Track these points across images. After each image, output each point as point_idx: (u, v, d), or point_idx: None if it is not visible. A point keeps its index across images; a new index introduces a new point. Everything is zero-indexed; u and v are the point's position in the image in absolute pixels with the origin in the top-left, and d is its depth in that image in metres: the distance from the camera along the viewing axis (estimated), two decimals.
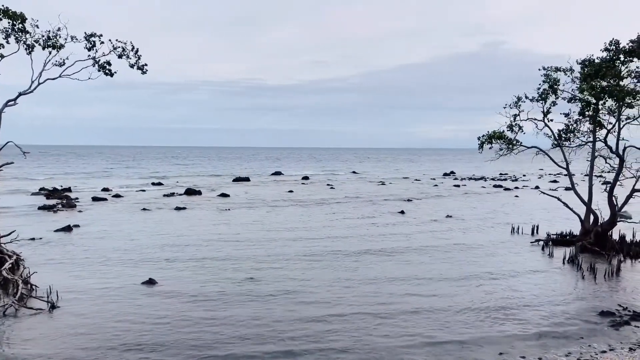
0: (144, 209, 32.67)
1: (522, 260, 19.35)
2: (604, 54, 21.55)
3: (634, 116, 21.50)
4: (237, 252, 19.82)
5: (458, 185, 56.81)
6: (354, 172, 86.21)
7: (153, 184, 53.75)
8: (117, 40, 21.41)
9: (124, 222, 27.53)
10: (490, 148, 22.64)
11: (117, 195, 40.86)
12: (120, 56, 21.84)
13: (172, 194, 42.77)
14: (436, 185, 57.93)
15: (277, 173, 77.07)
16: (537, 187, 46.53)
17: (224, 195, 42.33)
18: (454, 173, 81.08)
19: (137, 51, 22.09)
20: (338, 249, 20.79)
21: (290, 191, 47.26)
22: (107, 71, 21.47)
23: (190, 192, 43.92)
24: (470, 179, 69.91)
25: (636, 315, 12.89)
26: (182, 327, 11.75)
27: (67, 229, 24.46)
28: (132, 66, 22.08)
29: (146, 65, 22.83)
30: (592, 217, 22.09)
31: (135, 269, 17.09)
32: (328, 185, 56.25)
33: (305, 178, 66.23)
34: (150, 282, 15.42)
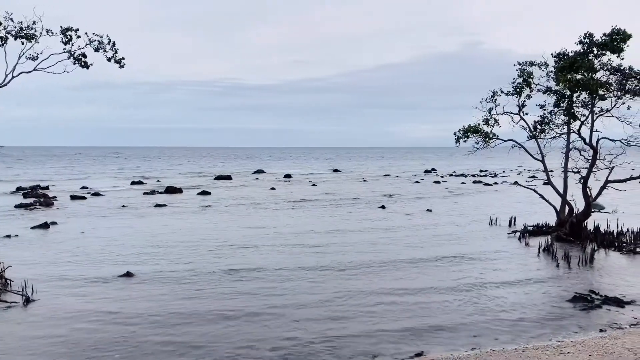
0: (123, 207, 32.37)
1: (498, 249, 19.68)
2: (578, 47, 21.99)
3: (607, 108, 21.99)
4: (216, 248, 19.69)
5: (438, 182, 57.35)
6: (335, 170, 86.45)
7: (133, 182, 53.17)
8: (93, 33, 21.22)
9: (103, 219, 27.24)
10: (465, 142, 22.95)
11: (96, 194, 40.38)
12: (97, 49, 21.65)
13: (153, 192, 42.40)
14: (417, 182, 58.40)
15: (259, 171, 76.89)
16: (515, 183, 47.20)
17: (205, 193, 42.11)
18: (435, 170, 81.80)
19: (113, 44, 21.96)
20: (319, 242, 20.89)
21: (272, 188, 47.24)
22: (82, 64, 21.29)
23: (170, 190, 43.58)
24: (450, 175, 70.69)
25: (607, 299, 13.21)
26: (158, 321, 11.58)
27: (44, 226, 24.13)
28: (109, 60, 21.91)
29: (123, 59, 22.67)
30: (567, 208, 22.52)
31: (113, 263, 16.91)
32: (310, 182, 56.34)
33: (288, 176, 66.19)
34: (128, 275, 15.32)
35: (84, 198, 37.30)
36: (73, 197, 37.17)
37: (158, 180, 57.36)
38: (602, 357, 9.08)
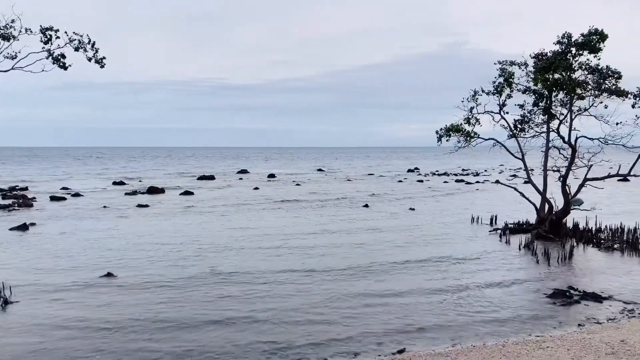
0: (104, 207, 32.00)
1: (479, 247, 19.88)
2: (557, 47, 22.33)
3: (585, 107, 22.38)
4: (199, 250, 19.32)
5: (421, 181, 57.75)
6: (320, 169, 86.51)
7: (115, 183, 52.55)
8: (74, 32, 20.95)
9: (83, 220, 26.90)
10: (447, 141, 23.17)
11: (76, 195, 39.85)
12: (77, 49, 21.37)
13: (135, 193, 41.99)
14: (400, 181, 58.73)
15: (243, 171, 76.59)
16: (497, 181, 47.75)
17: (187, 193, 41.82)
18: (418, 169, 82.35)
19: (94, 44, 21.68)
20: (303, 243, 20.86)
21: (256, 188, 47.11)
22: (61, 64, 21.01)
23: (153, 190, 43.20)
24: (433, 174, 71.25)
25: (585, 295, 13.44)
26: (139, 326, 11.23)
27: (23, 227, 23.75)
28: (90, 59, 21.64)
29: (104, 58, 22.41)
30: (547, 206, 22.86)
31: (94, 266, 16.52)
32: (294, 182, 56.29)
33: (272, 176, 66.04)
34: (109, 275, 15.16)
35: (64, 199, 36.77)
36: (53, 198, 36.62)
37: (140, 181, 56.79)
38: (580, 351, 9.24)
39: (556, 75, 21.72)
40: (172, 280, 14.85)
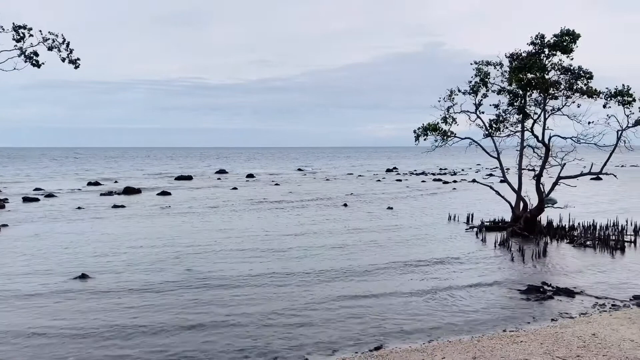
0: (78, 208, 31.45)
1: (456, 245, 20.12)
2: (530, 48, 22.73)
3: (558, 107, 22.84)
4: (176, 253, 18.80)
5: (400, 180, 58.18)
6: (299, 169, 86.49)
7: (90, 183, 51.68)
8: (48, 32, 20.55)
9: (57, 221, 26.40)
10: (425, 140, 23.40)
11: (50, 195, 39.08)
12: (50, 48, 20.97)
13: (110, 193, 41.39)
14: (379, 180, 59.06)
15: (222, 171, 76.09)
16: (474, 180, 48.37)
17: (165, 193, 41.37)
18: (397, 169, 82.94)
19: (68, 44, 21.27)
20: (281, 245, 20.79)
21: (234, 188, 46.87)
22: (34, 62, 20.58)
23: (129, 191, 42.64)
24: (411, 174, 71.87)
25: (559, 290, 13.71)
26: (115, 333, 10.77)
27: None
28: (63, 60, 21.23)
29: (79, 59, 22.03)
30: (522, 204, 23.25)
31: (67, 270, 16.01)
32: (273, 182, 56.16)
33: (250, 176, 65.75)
34: (83, 279, 14.87)
35: (37, 200, 36.03)
36: (25, 199, 35.86)
37: (116, 182, 55.95)
38: (552, 345, 9.42)
39: (530, 75, 22.12)
40: (148, 283, 14.45)
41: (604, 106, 22.20)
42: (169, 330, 10.92)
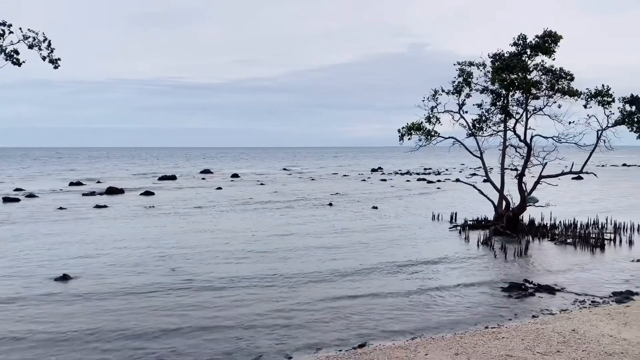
0: (60, 209, 31.05)
1: (440, 244, 20.27)
2: (513, 49, 22.99)
3: (540, 107, 23.14)
4: (159, 255, 18.37)
5: (385, 180, 58.42)
6: (284, 169, 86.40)
7: (72, 183, 51.00)
8: (28, 29, 20.27)
9: (38, 222, 26.03)
10: (409, 139, 23.52)
11: (31, 196, 38.52)
12: (31, 47, 20.66)
13: (92, 193, 40.91)
14: (364, 180, 59.23)
15: (206, 171, 75.64)
16: (457, 180, 48.86)
17: (148, 193, 41.02)
18: (382, 169, 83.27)
19: (49, 43, 20.99)
20: (263, 245, 20.68)
21: (219, 188, 46.66)
22: (14, 60, 20.28)
23: (112, 191, 42.21)
24: (396, 173, 72.23)
25: (540, 287, 13.90)
26: (97, 339, 10.41)
27: None
28: (44, 59, 20.95)
29: (59, 59, 21.73)
30: (504, 203, 23.50)
31: (48, 272, 15.61)
32: (258, 182, 56.02)
33: (235, 176, 65.49)
34: (64, 282, 14.67)
35: (17, 200, 35.50)
36: (6, 200, 35.29)
37: (98, 182, 55.31)
38: (533, 341, 9.55)
39: (512, 76, 22.37)
40: (131, 286, 14.15)
41: (585, 106, 22.56)
42: (153, 333, 10.72)
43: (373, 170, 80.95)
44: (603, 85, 22.19)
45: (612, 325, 10.37)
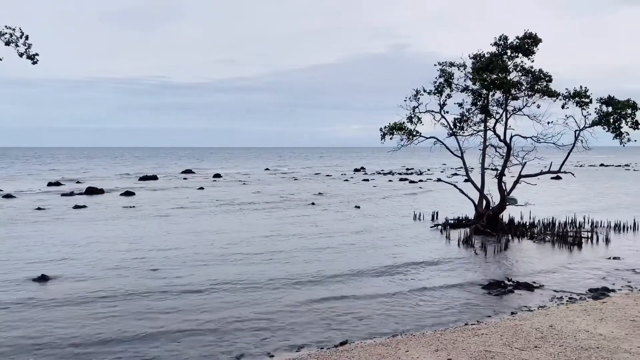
0: (38, 209, 30.53)
1: (421, 243, 20.46)
2: (493, 49, 23.27)
3: (519, 107, 23.45)
4: (139, 255, 18.09)
5: (367, 180, 58.64)
6: (267, 169, 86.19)
7: (50, 184, 50.15)
8: (5, 26, 19.91)
9: (15, 223, 25.53)
10: (391, 139, 23.66)
11: (8, 196, 37.76)
12: (7, 43, 20.30)
13: (72, 194, 40.29)
14: (347, 180, 59.38)
15: (188, 171, 75.09)
16: (439, 179, 49.29)
17: (128, 194, 40.55)
18: (364, 169, 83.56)
19: (27, 38, 20.65)
20: (246, 247, 20.38)
21: (201, 188, 46.36)
22: None
23: (91, 191, 41.63)
24: (378, 173, 72.56)
25: (519, 284, 14.10)
26: (70, 338, 10.25)
27: None
28: (21, 55, 20.59)
29: (37, 55, 21.38)
30: (484, 202, 23.76)
31: (22, 273, 15.26)
32: (240, 182, 55.78)
33: (217, 176, 65.11)
34: (42, 281, 14.43)
35: None
36: None
37: (78, 182, 54.51)
38: (512, 337, 9.68)
39: (493, 76, 22.64)
40: (110, 289, 13.65)
41: (563, 107, 22.93)
42: (133, 337, 10.44)
43: (356, 170, 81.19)
44: (581, 87, 22.60)
45: (589, 321, 10.56)
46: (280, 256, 17.95)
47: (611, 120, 22.14)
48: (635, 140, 22.47)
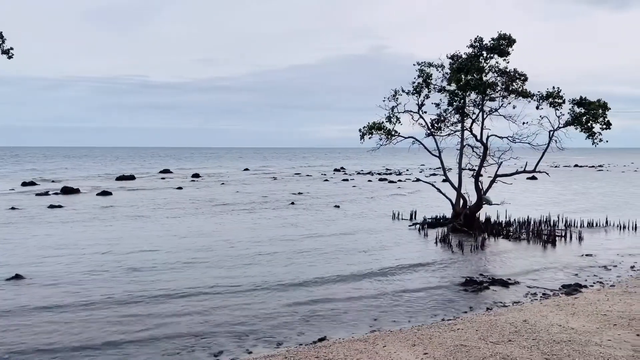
0: (12, 209, 29.93)
1: (400, 241, 20.66)
2: (470, 50, 23.60)
3: (495, 108, 23.84)
4: (114, 255, 17.77)
5: (347, 180, 58.86)
6: (246, 169, 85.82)
7: (24, 183, 49.11)
8: None
9: None
10: (370, 138, 23.82)
11: None
12: None
13: (47, 193, 39.58)
14: (327, 180, 59.52)
15: (166, 171, 74.36)
16: (417, 179, 49.67)
17: (105, 193, 39.98)
18: (344, 169, 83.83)
19: (1, 34, 20.26)
20: (225, 250, 19.76)
21: (179, 188, 45.97)
22: None
23: (67, 190, 40.95)
24: (358, 173, 72.88)
25: (494, 281, 14.36)
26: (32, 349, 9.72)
27: None
28: None
29: (12, 49, 20.97)
30: (461, 201, 24.09)
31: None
32: (219, 182, 55.46)
33: (196, 175, 64.61)
34: (17, 277, 14.21)
35: None
36: None
37: (53, 181, 53.55)
38: (487, 331, 9.87)
39: (468, 77, 22.96)
40: (85, 293, 13.15)
41: (537, 107, 23.38)
42: (109, 343, 10.10)
43: (336, 170, 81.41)
44: (554, 87, 23.07)
45: (561, 316, 10.82)
46: (260, 258, 17.50)
47: (583, 121, 22.65)
48: (607, 141, 23.03)
